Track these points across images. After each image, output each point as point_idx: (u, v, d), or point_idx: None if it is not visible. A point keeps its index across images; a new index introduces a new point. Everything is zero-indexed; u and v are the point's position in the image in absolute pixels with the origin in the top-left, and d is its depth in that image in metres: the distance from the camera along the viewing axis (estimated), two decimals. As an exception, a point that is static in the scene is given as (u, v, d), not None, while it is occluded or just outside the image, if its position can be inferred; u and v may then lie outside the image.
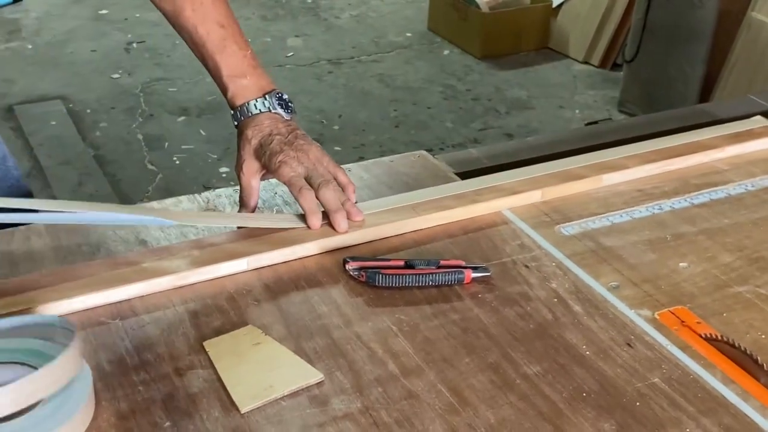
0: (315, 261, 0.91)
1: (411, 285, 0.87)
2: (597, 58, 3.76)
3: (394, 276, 0.87)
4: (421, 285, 0.87)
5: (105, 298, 0.83)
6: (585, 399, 0.73)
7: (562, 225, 0.99)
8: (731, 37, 3.03)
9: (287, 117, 0.99)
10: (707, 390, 0.75)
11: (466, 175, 1.11)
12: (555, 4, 3.89)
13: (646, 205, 1.04)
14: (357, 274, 0.88)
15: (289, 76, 3.58)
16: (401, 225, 0.97)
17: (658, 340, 0.81)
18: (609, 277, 0.90)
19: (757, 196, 1.07)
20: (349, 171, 1.10)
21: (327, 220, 0.94)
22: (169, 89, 3.45)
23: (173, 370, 0.75)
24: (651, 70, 3.20)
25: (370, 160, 1.14)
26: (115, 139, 3.06)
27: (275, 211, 1.01)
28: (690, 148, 1.15)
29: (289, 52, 3.85)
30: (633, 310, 0.85)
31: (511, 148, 1.29)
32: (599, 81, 3.67)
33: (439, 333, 0.81)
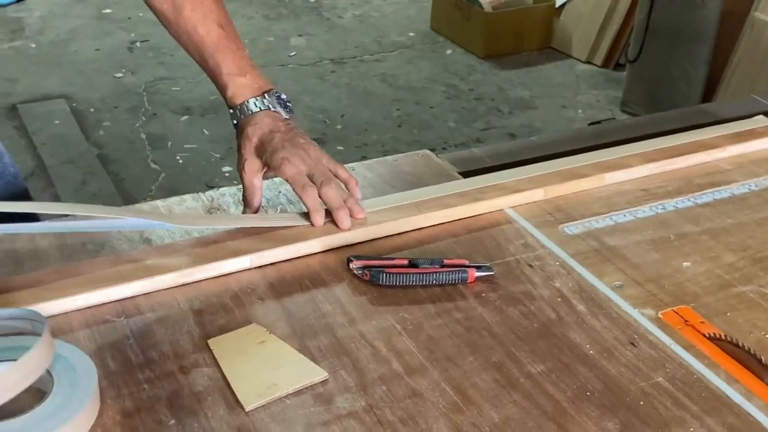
0: (319, 260, 0.92)
1: (415, 284, 0.87)
2: (600, 58, 3.76)
3: (398, 275, 0.87)
4: (424, 284, 0.88)
5: (107, 295, 0.83)
6: (589, 398, 0.74)
7: (565, 224, 0.99)
8: (734, 38, 3.02)
9: (286, 116, 1.00)
10: (711, 389, 0.75)
11: (470, 174, 1.11)
12: (558, 4, 3.89)
13: (649, 204, 1.04)
14: (361, 272, 0.88)
15: (291, 75, 3.58)
16: (404, 223, 0.97)
17: (662, 340, 0.81)
18: (612, 277, 0.90)
19: (760, 195, 1.07)
20: (352, 170, 1.10)
21: (330, 218, 0.94)
22: (173, 88, 3.45)
23: (178, 368, 0.75)
24: (654, 70, 3.19)
25: (374, 159, 1.14)
26: (119, 138, 3.06)
27: (279, 210, 1.01)
28: (692, 147, 1.15)
29: (291, 51, 3.85)
30: (637, 310, 0.85)
31: (515, 148, 1.29)
32: (602, 81, 3.67)
33: (442, 332, 0.81)
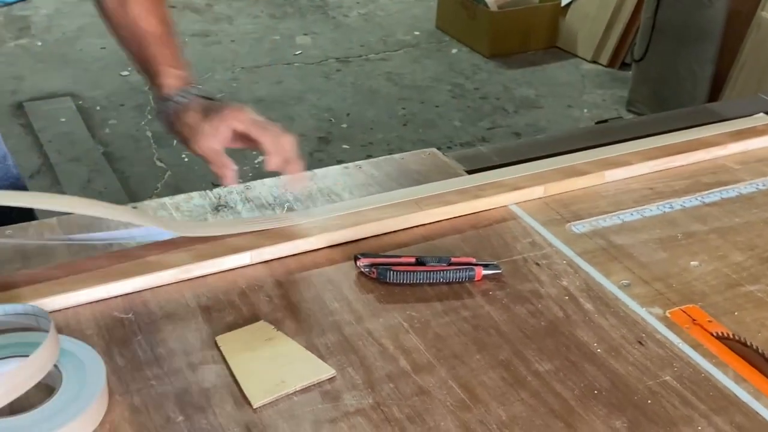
0: (326, 257, 0.92)
1: (422, 282, 0.87)
2: (605, 57, 3.76)
3: (406, 273, 0.87)
4: (432, 282, 0.88)
5: (108, 291, 0.84)
6: (596, 396, 0.74)
7: (572, 223, 0.99)
8: (740, 37, 3.02)
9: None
10: (719, 388, 0.75)
11: (476, 172, 1.11)
12: (563, 3, 3.88)
13: (656, 203, 1.04)
14: (368, 270, 0.88)
15: (297, 74, 3.58)
16: (404, 219, 0.98)
17: (670, 339, 0.81)
18: (620, 276, 0.90)
19: (768, 195, 1.07)
20: (359, 168, 1.10)
21: (327, 216, 0.96)
22: (178, 87, 3.45)
23: (186, 365, 0.76)
24: (660, 70, 3.19)
25: (381, 158, 1.14)
26: (125, 136, 3.07)
27: (286, 208, 1.01)
28: (693, 145, 1.15)
29: (297, 50, 3.85)
30: (644, 309, 0.85)
31: (521, 146, 1.29)
32: (608, 80, 3.66)
33: (450, 330, 0.81)
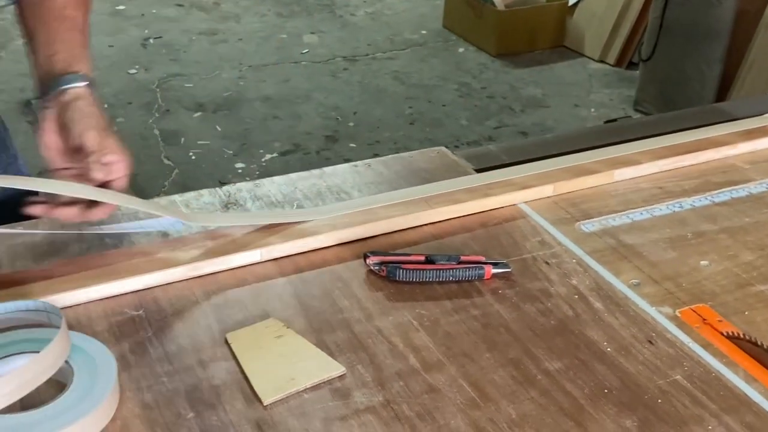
0: (335, 255, 0.92)
1: (431, 280, 0.87)
2: (613, 56, 3.75)
3: (415, 271, 0.87)
4: (441, 280, 0.88)
5: (119, 287, 0.84)
6: (606, 395, 0.74)
7: (582, 222, 0.99)
8: (749, 37, 3.01)
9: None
10: (729, 388, 0.75)
11: (485, 171, 1.11)
12: (571, 3, 3.88)
13: (666, 202, 1.03)
14: (377, 268, 0.88)
15: (304, 72, 3.59)
16: (414, 218, 0.98)
17: (680, 338, 0.81)
18: (630, 275, 0.90)
19: (778, 195, 1.06)
20: (368, 166, 1.10)
21: (337, 214, 0.96)
22: (186, 85, 3.46)
23: (196, 362, 0.76)
24: (667, 69, 3.18)
25: (389, 156, 1.14)
26: (132, 134, 3.07)
27: (295, 206, 1.01)
28: (702, 144, 1.15)
29: (304, 48, 3.86)
30: (654, 308, 0.84)
31: (530, 145, 1.29)
32: (615, 80, 3.66)
33: (459, 328, 0.81)
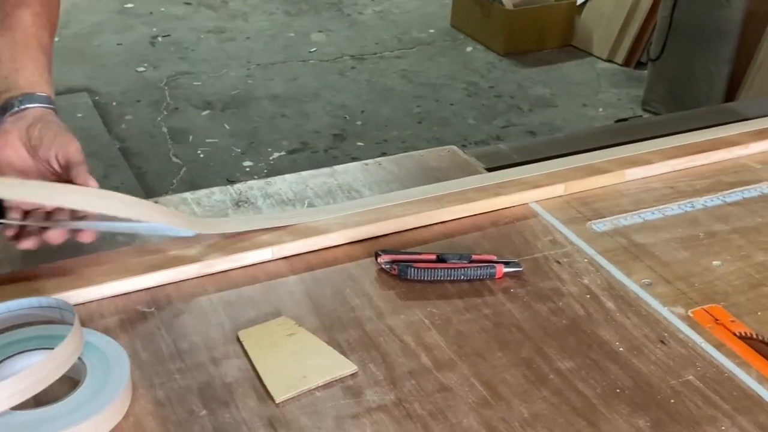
0: (347, 253, 0.92)
1: (443, 279, 0.87)
2: (621, 56, 3.74)
3: (426, 270, 0.87)
4: (452, 279, 0.88)
5: (132, 285, 0.84)
6: (619, 395, 0.73)
7: (593, 221, 0.99)
8: (758, 37, 3.00)
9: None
10: (742, 388, 0.75)
11: (496, 170, 1.10)
12: (579, 2, 3.87)
13: (678, 202, 1.03)
14: (389, 267, 0.88)
15: (312, 71, 3.59)
16: (426, 216, 0.98)
17: (692, 338, 0.80)
18: (642, 274, 0.89)
19: (790, 195, 1.06)
20: (379, 165, 1.10)
21: (348, 213, 0.96)
22: (194, 83, 3.47)
23: (209, 359, 0.76)
24: (676, 69, 3.17)
25: (401, 155, 1.15)
26: (141, 131, 3.08)
27: (306, 204, 1.01)
28: (714, 144, 1.15)
29: (312, 47, 3.86)
30: (666, 308, 0.84)
31: (540, 144, 1.29)
32: (623, 79, 3.65)
33: (471, 327, 0.81)
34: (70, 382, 0.71)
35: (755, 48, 3.00)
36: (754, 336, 0.80)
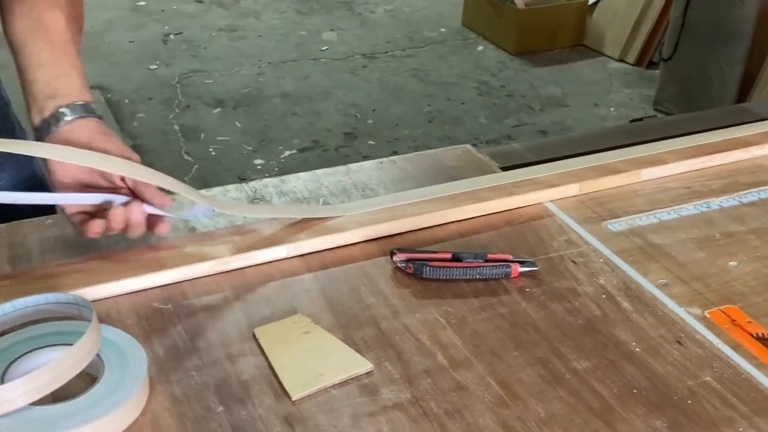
0: (362, 252, 0.92)
1: (458, 278, 0.87)
2: (633, 56, 3.73)
3: (442, 268, 0.87)
4: (468, 278, 0.87)
5: (148, 281, 0.85)
6: (635, 396, 0.73)
7: (609, 221, 0.99)
8: (772, 37, 2.99)
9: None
10: (760, 390, 0.74)
11: (510, 169, 1.10)
12: (591, 1, 3.86)
13: (694, 202, 1.03)
14: (404, 265, 0.88)
15: (323, 69, 3.59)
16: (441, 215, 0.98)
17: (709, 339, 0.80)
18: (658, 275, 0.89)
19: (807, 196, 1.05)
20: (394, 163, 1.10)
21: (363, 211, 0.96)
22: (206, 81, 3.48)
23: (225, 356, 0.76)
24: (688, 69, 3.16)
25: (415, 153, 1.15)
26: (153, 129, 3.09)
27: (321, 202, 1.02)
28: (731, 144, 1.14)
29: (323, 46, 3.86)
30: (683, 308, 0.84)
31: (554, 143, 1.28)
32: (635, 79, 3.64)
33: (487, 326, 0.81)
34: (88, 378, 0.71)
35: (768, 48, 2.99)
36: (772, 337, 0.80)
